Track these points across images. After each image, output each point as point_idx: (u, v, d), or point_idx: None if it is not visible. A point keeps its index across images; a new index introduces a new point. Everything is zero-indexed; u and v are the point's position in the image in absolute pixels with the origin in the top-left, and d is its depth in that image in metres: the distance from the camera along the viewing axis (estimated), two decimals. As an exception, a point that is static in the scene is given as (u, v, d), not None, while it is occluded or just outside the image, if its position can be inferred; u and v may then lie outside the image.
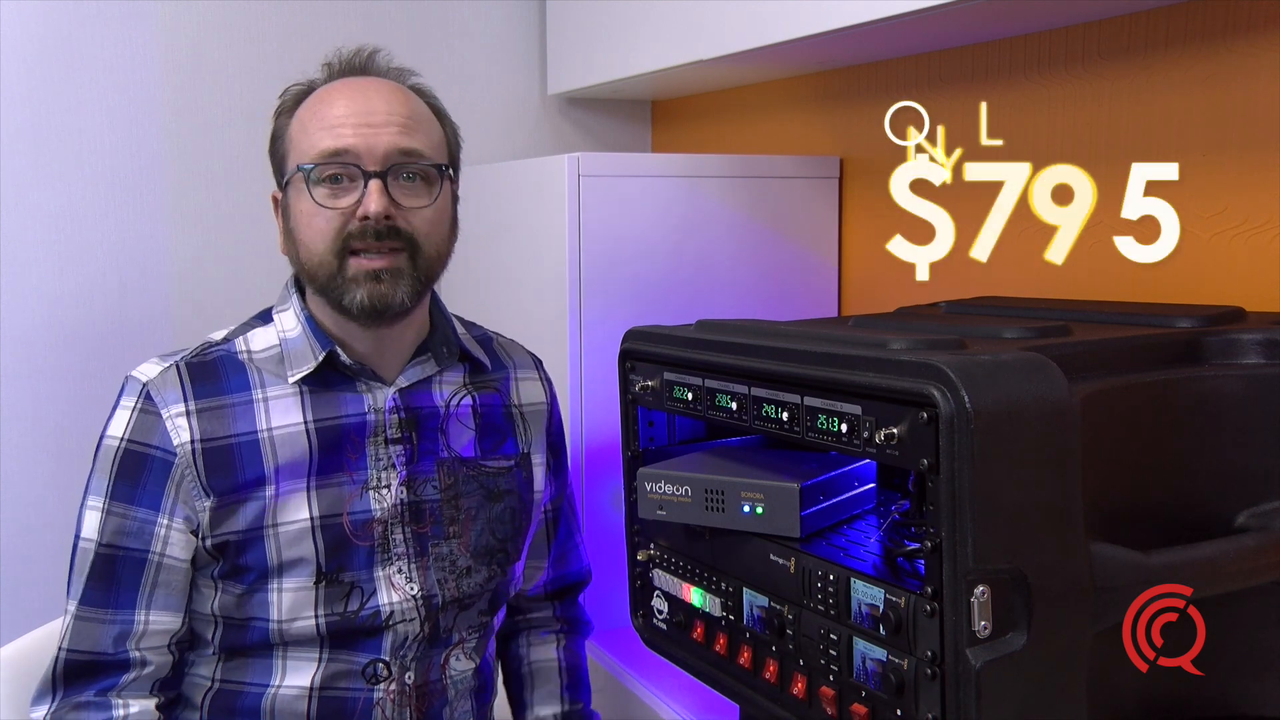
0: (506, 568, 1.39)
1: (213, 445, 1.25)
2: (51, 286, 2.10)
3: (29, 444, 2.11)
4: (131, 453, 1.25)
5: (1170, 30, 1.42)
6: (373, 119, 1.24)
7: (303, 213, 1.25)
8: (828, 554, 1.08)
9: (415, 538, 1.31)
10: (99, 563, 1.24)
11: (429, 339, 1.36)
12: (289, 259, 1.31)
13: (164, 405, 1.25)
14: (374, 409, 1.31)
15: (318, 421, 1.28)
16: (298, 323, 1.30)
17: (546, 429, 1.45)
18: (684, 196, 1.89)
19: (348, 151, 1.23)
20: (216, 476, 1.24)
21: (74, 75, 2.08)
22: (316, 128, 1.25)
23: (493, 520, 1.37)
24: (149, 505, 1.24)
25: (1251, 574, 1.01)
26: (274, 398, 1.28)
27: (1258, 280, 1.34)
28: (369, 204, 1.22)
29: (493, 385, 1.40)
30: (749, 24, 1.71)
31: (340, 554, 1.27)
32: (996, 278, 1.68)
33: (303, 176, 1.24)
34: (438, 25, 2.34)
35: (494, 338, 1.47)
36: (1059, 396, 0.90)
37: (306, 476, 1.27)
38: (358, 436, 1.30)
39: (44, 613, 1.46)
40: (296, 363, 1.29)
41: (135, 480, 1.25)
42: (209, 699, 1.30)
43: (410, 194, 1.26)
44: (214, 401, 1.26)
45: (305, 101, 1.30)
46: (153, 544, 1.24)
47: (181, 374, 1.27)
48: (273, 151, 1.33)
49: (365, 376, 1.31)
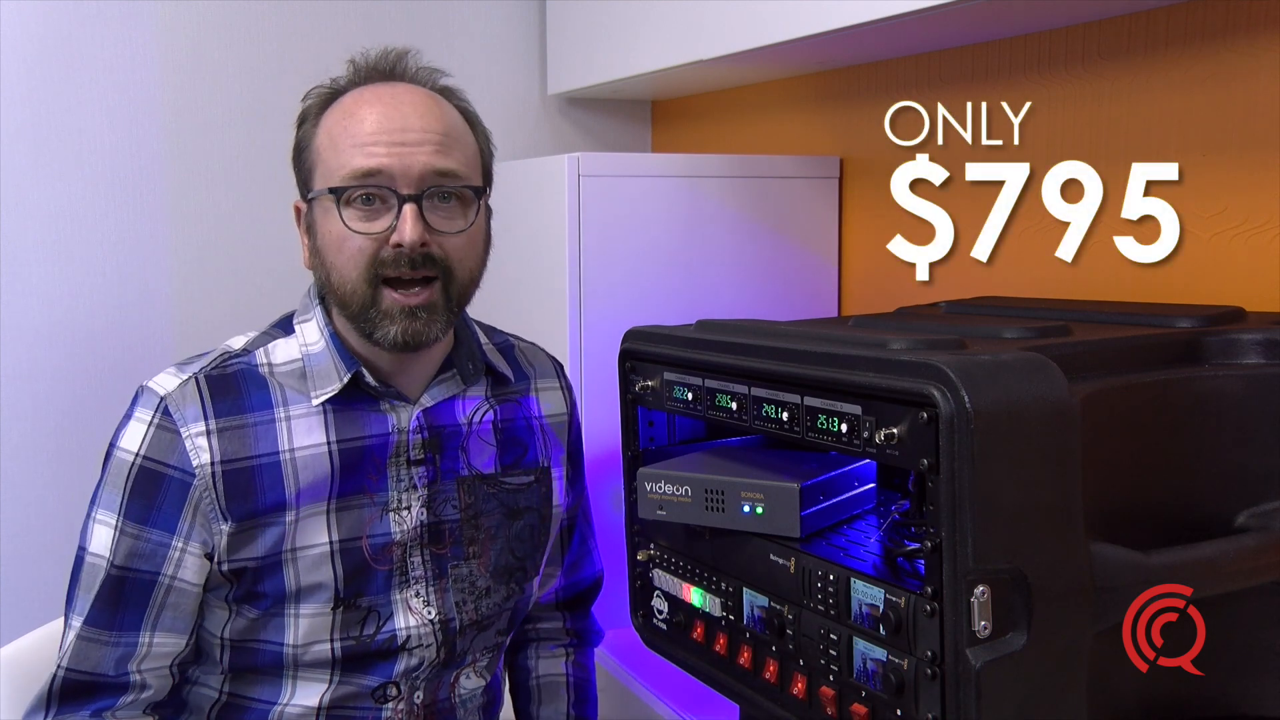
0: (524, 584, 1.36)
1: (233, 467, 1.20)
2: (51, 286, 2.10)
3: (29, 444, 2.10)
4: (147, 470, 1.20)
5: (1170, 30, 1.42)
6: (406, 137, 1.18)
7: (332, 234, 1.19)
8: (828, 554, 1.08)
9: (434, 560, 1.28)
10: (109, 584, 1.19)
11: (454, 354, 1.31)
12: (315, 276, 1.26)
13: (183, 423, 1.19)
14: (398, 429, 1.26)
15: (341, 442, 1.24)
16: (321, 337, 1.25)
17: (568, 440, 1.42)
18: (684, 196, 1.89)
19: (380, 172, 1.17)
20: (236, 501, 1.20)
21: (74, 75, 2.08)
22: (347, 144, 1.19)
23: (512, 539, 1.33)
24: (164, 527, 1.19)
25: (1251, 574, 1.01)
26: (296, 416, 1.23)
27: (1258, 280, 1.34)
28: (404, 232, 1.16)
29: (514, 397, 1.37)
30: (749, 24, 1.71)
31: (359, 579, 1.24)
32: (997, 278, 1.68)
33: (333, 199, 1.18)
34: (438, 25, 2.34)
35: (515, 344, 1.43)
36: (1059, 396, 0.90)
37: (327, 499, 1.23)
38: (379, 457, 1.25)
39: (44, 613, 1.46)
40: (320, 382, 1.24)
41: (151, 500, 1.19)
42: (215, 711, 1.28)
43: (445, 217, 1.20)
44: (235, 420, 1.21)
45: (332, 109, 1.24)
46: (165, 567, 1.19)
47: (201, 388, 1.21)
48: (297, 161, 1.26)
49: (390, 396, 1.26)
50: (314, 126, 1.24)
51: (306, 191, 1.25)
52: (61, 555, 1.50)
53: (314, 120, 1.25)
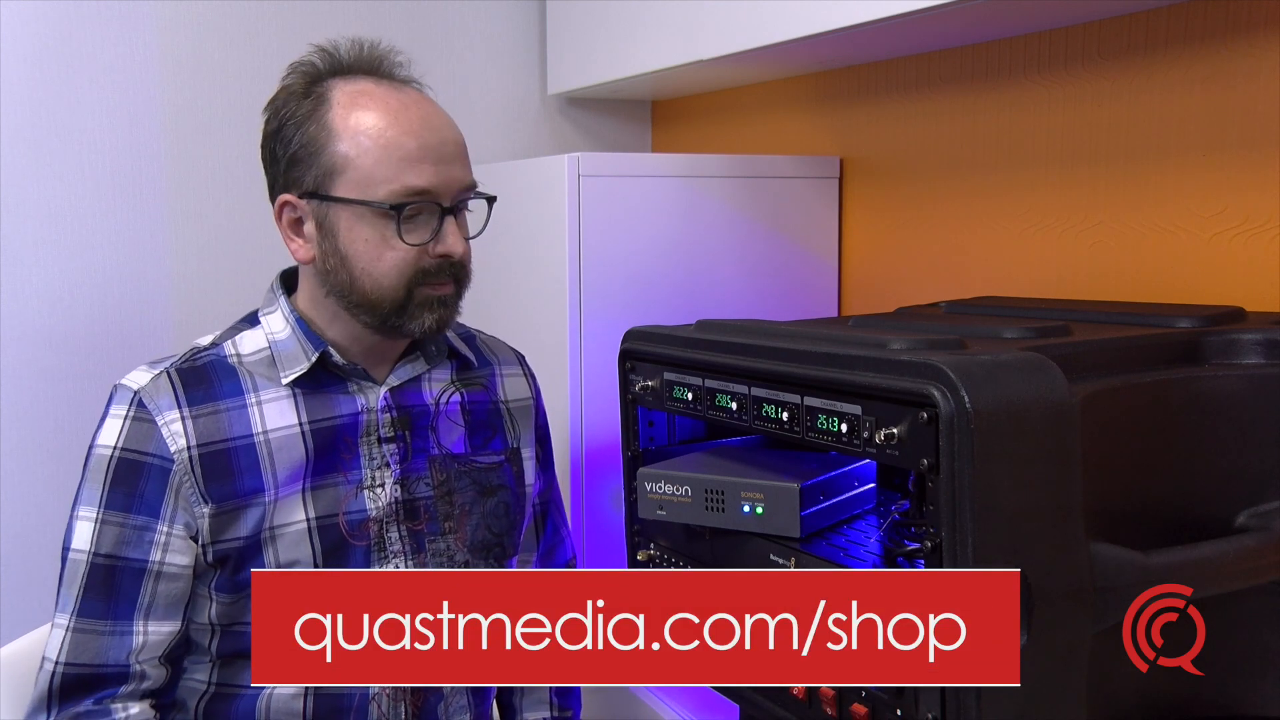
0: (504, 562, 1.39)
1: (210, 450, 1.24)
2: (51, 286, 2.10)
3: (29, 444, 2.10)
4: (126, 461, 1.23)
5: (1170, 30, 1.42)
6: (444, 151, 1.25)
7: (369, 243, 1.23)
8: (828, 554, 1.08)
9: (411, 535, 1.31)
10: (96, 574, 1.22)
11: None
12: (318, 273, 1.27)
13: (158, 412, 1.23)
14: (367, 408, 1.31)
15: (313, 423, 1.28)
16: (286, 324, 1.30)
17: (534, 423, 1.46)
18: (684, 196, 1.89)
19: (429, 190, 1.23)
20: (214, 483, 1.23)
21: (74, 75, 2.08)
22: (395, 158, 1.22)
23: (488, 515, 1.37)
24: (147, 513, 1.22)
25: (1251, 574, 1.01)
26: (268, 400, 1.27)
27: (1258, 280, 1.34)
28: (454, 245, 1.24)
29: (479, 382, 1.41)
30: (749, 24, 1.71)
31: (338, 554, 1.27)
32: (996, 278, 1.68)
33: (374, 211, 1.22)
34: (438, 25, 2.34)
35: (476, 335, 1.48)
36: (1059, 396, 0.90)
37: (303, 479, 1.27)
38: (350, 436, 1.30)
39: (44, 613, 1.45)
40: (288, 364, 1.28)
41: (132, 488, 1.22)
42: (204, 704, 1.29)
43: (465, 225, 1.29)
44: (207, 408, 1.25)
45: (335, 108, 1.24)
46: (152, 553, 1.23)
47: (173, 380, 1.25)
48: (293, 156, 1.25)
49: (357, 376, 1.31)
50: (318, 125, 1.23)
51: (314, 190, 1.24)
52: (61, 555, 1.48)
53: (317, 119, 1.24)
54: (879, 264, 1.94)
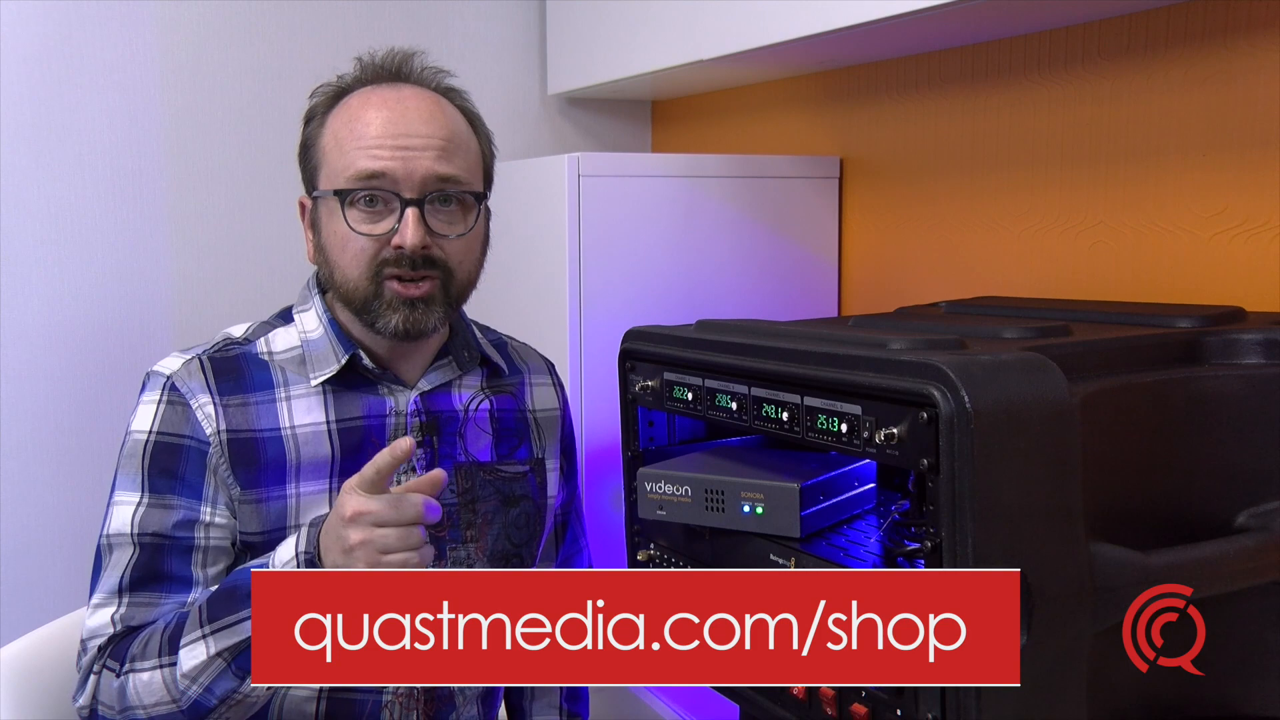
0: None
1: (238, 437, 1.23)
2: (51, 286, 2.10)
3: (29, 443, 2.10)
4: (163, 444, 1.23)
5: (1170, 30, 1.42)
6: (411, 141, 1.22)
7: (336, 234, 1.23)
8: (828, 554, 1.08)
9: (432, 541, 1.29)
10: (144, 554, 1.21)
11: (450, 342, 1.35)
12: (319, 271, 1.30)
13: (191, 395, 1.23)
14: (395, 411, 1.30)
15: (340, 421, 1.27)
16: (319, 324, 1.29)
17: (560, 434, 1.45)
18: (684, 196, 1.89)
19: (384, 175, 1.20)
20: (241, 469, 1.23)
21: (74, 75, 2.08)
22: (352, 146, 1.22)
23: (509, 525, 1.36)
24: (190, 495, 1.22)
25: (1251, 574, 1.01)
26: (296, 396, 1.27)
27: (1258, 280, 1.34)
28: (406, 236, 1.20)
29: (509, 389, 1.40)
30: (749, 24, 1.71)
31: None
32: (996, 278, 1.68)
33: (337, 200, 1.22)
34: (438, 25, 2.34)
35: (508, 342, 1.46)
36: (1059, 396, 0.90)
37: (329, 478, 1.26)
38: (379, 439, 1.28)
39: (44, 613, 1.46)
40: (319, 365, 1.28)
41: (172, 471, 1.22)
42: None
43: (446, 220, 1.24)
44: (237, 399, 1.25)
45: (338, 109, 1.27)
46: (197, 532, 1.22)
47: (205, 367, 1.25)
48: (303, 159, 1.29)
49: (387, 380, 1.30)
50: (320, 125, 1.28)
51: (312, 189, 1.28)
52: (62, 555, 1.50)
53: (320, 119, 1.28)
54: (879, 264, 1.94)
